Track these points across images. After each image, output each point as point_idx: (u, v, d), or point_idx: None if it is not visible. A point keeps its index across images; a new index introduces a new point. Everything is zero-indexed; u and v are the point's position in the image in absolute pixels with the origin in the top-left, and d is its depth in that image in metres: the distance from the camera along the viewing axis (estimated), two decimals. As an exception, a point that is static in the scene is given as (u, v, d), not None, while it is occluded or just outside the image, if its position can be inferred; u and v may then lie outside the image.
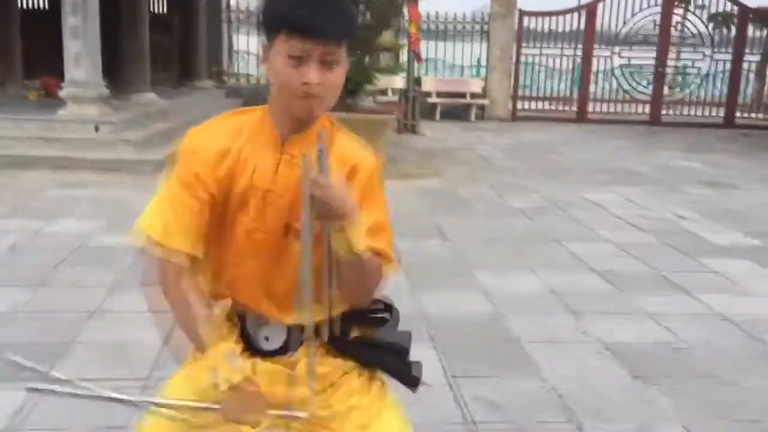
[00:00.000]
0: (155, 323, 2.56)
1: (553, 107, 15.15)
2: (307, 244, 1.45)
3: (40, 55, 10.29)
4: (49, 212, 5.97)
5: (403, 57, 12.43)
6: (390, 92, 13.60)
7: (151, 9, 13.27)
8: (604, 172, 9.12)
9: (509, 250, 5.54)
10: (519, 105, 14.90)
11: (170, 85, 12.82)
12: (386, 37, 10.98)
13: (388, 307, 1.68)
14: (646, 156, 10.69)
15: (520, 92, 14.95)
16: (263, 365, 1.58)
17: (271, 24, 1.43)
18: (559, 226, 6.31)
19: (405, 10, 10.81)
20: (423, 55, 13.04)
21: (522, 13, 14.54)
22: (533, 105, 15.14)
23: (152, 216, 1.51)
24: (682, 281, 4.87)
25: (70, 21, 8.48)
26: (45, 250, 4.96)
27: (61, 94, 8.66)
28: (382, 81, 12.70)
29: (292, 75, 1.40)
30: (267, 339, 1.59)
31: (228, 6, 15.66)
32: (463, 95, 14.77)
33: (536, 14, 14.60)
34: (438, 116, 14.31)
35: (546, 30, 14.62)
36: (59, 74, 8.78)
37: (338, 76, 1.45)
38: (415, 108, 12.15)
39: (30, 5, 12.37)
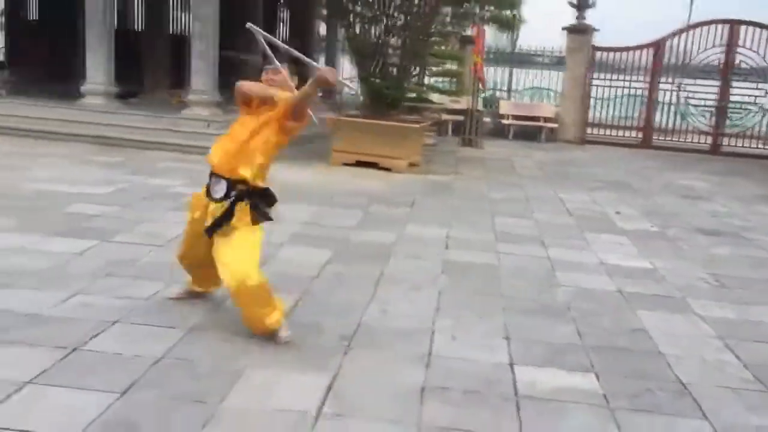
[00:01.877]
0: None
1: (620, 134, 16.57)
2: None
3: (182, 69, 13.54)
4: (154, 174, 8.85)
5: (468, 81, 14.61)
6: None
7: (276, 36, 16.44)
8: (599, 182, 10.80)
9: (450, 214, 7.65)
10: (588, 130, 16.51)
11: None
12: (449, 64, 13.28)
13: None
14: (662, 175, 12.11)
15: (589, 119, 16.58)
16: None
17: None
18: (491, 206, 8.30)
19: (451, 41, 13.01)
20: (488, 82, 15.13)
21: (594, 49, 16.21)
22: (602, 131, 16.67)
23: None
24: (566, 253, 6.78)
25: (196, 45, 11.57)
26: (141, 192, 7.76)
27: (187, 99, 11.75)
28: (462, 101, 15.03)
29: None
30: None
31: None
32: (536, 119, 16.65)
33: (607, 50, 16.22)
34: (511, 136, 16.32)
35: (616, 63, 16.20)
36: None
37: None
38: (476, 126, 14.24)
39: (176, 31, 15.89)
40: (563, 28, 16.32)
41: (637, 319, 4.85)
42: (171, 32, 14.62)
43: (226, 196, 3.95)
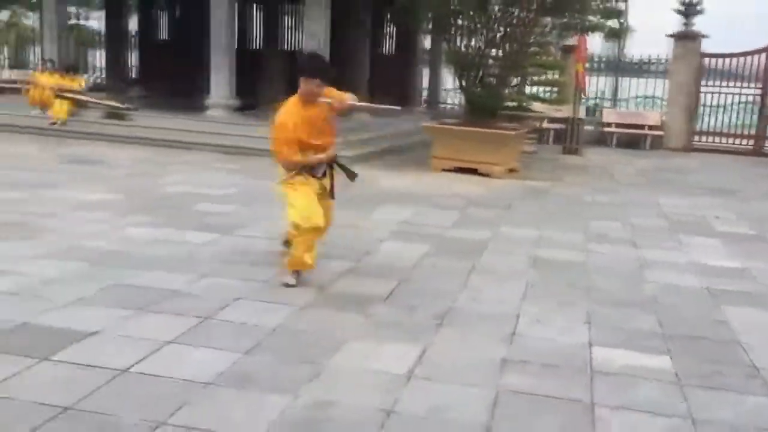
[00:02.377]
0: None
1: (729, 142, 16.13)
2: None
3: (295, 83, 14.47)
4: (269, 178, 9.63)
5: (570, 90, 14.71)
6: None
7: (382, 51, 17.21)
8: (702, 188, 10.71)
9: (545, 217, 7.94)
10: (695, 138, 16.20)
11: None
12: (551, 74, 13.48)
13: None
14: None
15: (697, 126, 16.27)
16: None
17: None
18: (587, 210, 8.49)
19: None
20: (588, 89, 15.18)
21: (703, 55, 15.91)
22: (710, 139, 16.30)
23: None
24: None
25: (308, 60, 12.41)
26: (257, 194, 8.53)
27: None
28: (564, 110, 15.19)
29: None
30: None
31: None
32: (641, 127, 16.50)
33: (716, 56, 15.88)
34: (613, 144, 16.26)
35: (726, 69, 15.83)
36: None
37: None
38: (577, 134, 14.34)
39: (290, 48, 16.91)
40: (669, 36, 16.14)
41: (720, 313, 5.03)
42: (285, 49, 15.63)
43: (324, 173, 5.15)
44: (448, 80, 19.10)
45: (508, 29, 10.91)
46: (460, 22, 11.17)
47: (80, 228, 6.40)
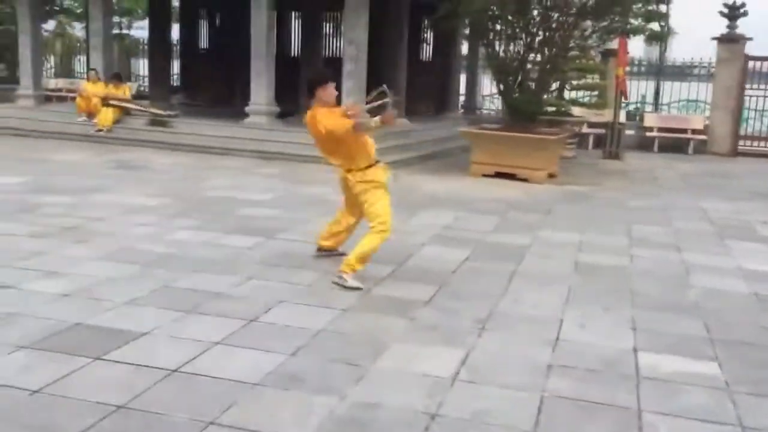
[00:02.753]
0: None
1: (777, 145, 15.80)
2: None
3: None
4: (309, 183, 9.75)
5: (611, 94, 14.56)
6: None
7: (420, 57, 17.24)
8: (747, 193, 10.51)
9: (586, 221, 7.88)
10: (741, 142, 15.88)
11: (430, 115, 16.60)
12: (591, 78, 13.38)
13: None
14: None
15: (742, 131, 15.95)
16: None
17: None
18: (629, 215, 8.39)
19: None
20: (629, 93, 14.99)
21: (747, 58, 15.61)
22: (756, 143, 15.97)
23: None
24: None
25: (347, 67, 12.50)
26: (298, 199, 8.63)
27: (338, 116, 12.70)
28: (605, 114, 15.04)
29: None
30: None
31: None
32: (684, 131, 16.24)
33: (761, 59, 15.56)
34: (656, 149, 16.03)
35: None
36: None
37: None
38: (618, 138, 14.18)
39: (331, 55, 17.03)
40: (714, 38, 15.87)
41: (769, 318, 4.95)
42: (325, 56, 15.76)
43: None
44: (485, 85, 19.09)
45: (547, 33, 10.86)
46: (499, 27, 11.16)
47: (130, 231, 6.56)
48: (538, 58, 11.14)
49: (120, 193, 8.37)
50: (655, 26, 15.48)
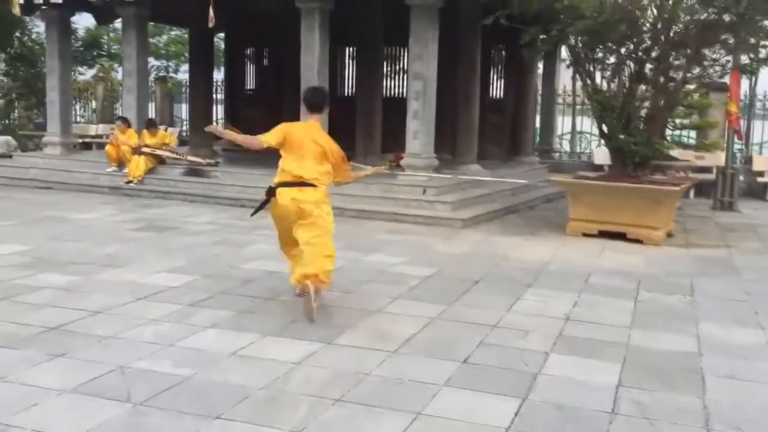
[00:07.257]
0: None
1: None
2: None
3: (393, 133, 12.77)
4: (369, 249, 7.86)
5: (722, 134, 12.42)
6: (715, 169, 13.51)
7: (490, 94, 15.35)
8: None
9: (753, 305, 5.77)
10: None
11: (500, 159, 14.62)
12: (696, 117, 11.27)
13: None
14: None
15: None
16: None
17: None
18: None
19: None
20: (742, 132, 12.79)
21: None
22: None
23: None
24: None
25: (413, 105, 10.69)
26: (358, 272, 6.75)
27: (402, 163, 10.87)
28: (707, 158, 12.89)
29: None
30: None
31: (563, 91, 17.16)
32: (802, 175, 13.89)
33: None
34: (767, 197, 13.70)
35: None
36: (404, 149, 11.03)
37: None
38: (731, 185, 11.97)
39: (389, 94, 15.28)
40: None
41: None
42: (384, 96, 13.99)
43: None
44: (565, 125, 17.11)
45: (660, 62, 8.84)
46: (598, 54, 9.20)
47: (134, 334, 4.72)
48: (648, 92, 9.12)
49: (137, 268, 6.59)
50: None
